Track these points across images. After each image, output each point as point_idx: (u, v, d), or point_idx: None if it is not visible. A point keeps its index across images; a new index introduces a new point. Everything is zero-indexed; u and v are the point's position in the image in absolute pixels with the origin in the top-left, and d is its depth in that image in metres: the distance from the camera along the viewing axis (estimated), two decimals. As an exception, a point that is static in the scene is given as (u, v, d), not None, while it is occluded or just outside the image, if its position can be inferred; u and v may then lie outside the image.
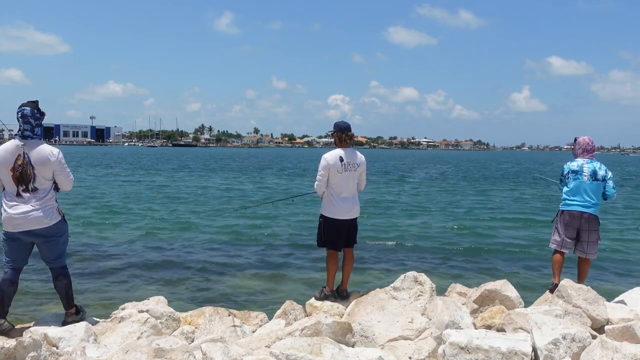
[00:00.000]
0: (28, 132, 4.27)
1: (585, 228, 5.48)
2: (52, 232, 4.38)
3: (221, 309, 4.90)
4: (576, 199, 5.50)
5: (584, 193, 5.47)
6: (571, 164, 5.61)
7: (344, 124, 5.24)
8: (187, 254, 10.61)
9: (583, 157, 5.61)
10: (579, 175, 5.49)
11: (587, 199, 5.46)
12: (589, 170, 5.48)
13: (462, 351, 3.43)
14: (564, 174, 5.65)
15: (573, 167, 5.56)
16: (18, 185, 4.22)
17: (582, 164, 5.54)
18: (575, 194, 5.51)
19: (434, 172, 47.78)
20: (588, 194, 5.46)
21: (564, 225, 5.57)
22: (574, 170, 5.53)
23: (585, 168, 5.50)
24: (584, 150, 5.66)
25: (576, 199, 5.50)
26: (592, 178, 5.46)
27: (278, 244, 11.77)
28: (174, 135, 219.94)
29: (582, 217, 5.46)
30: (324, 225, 5.27)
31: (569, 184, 5.56)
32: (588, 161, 5.56)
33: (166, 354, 3.37)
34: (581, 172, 5.49)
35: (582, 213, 5.46)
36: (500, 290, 4.91)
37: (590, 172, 5.47)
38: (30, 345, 3.54)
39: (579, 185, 5.48)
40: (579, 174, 5.50)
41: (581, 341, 3.44)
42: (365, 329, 4.25)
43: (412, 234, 13.45)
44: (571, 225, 5.52)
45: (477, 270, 9.63)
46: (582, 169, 5.50)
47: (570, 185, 5.55)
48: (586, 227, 5.48)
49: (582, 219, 5.46)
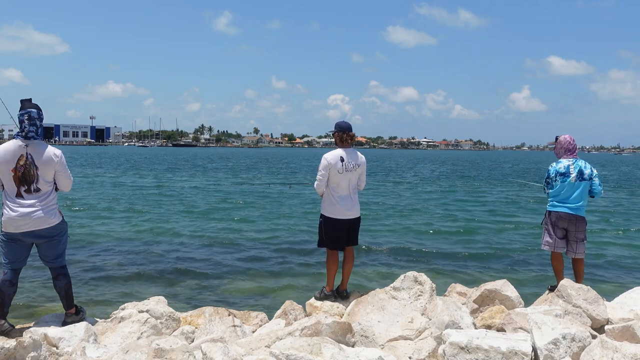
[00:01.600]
0: (33, 134, 4.28)
1: (573, 229, 5.49)
2: (54, 232, 4.39)
3: (221, 309, 4.90)
4: (563, 200, 5.48)
5: (571, 195, 5.46)
6: (557, 165, 5.54)
7: (345, 124, 5.23)
8: (187, 253, 10.61)
9: (567, 157, 5.57)
10: (567, 177, 5.45)
11: (575, 201, 5.45)
12: (576, 170, 5.45)
13: (462, 351, 3.43)
14: (551, 176, 5.58)
15: (560, 169, 5.50)
16: (19, 185, 4.23)
17: (567, 165, 5.49)
18: (563, 196, 5.48)
19: (433, 171, 47.79)
20: (575, 196, 5.45)
21: (553, 226, 5.55)
22: (562, 173, 5.47)
23: (571, 169, 5.46)
24: (566, 149, 5.61)
25: (563, 200, 5.48)
26: (579, 178, 5.43)
27: (278, 244, 11.76)
28: (174, 135, 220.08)
29: (570, 218, 5.46)
30: (324, 225, 5.27)
31: (556, 186, 5.52)
32: (573, 161, 5.51)
33: (166, 354, 3.37)
34: (568, 174, 5.45)
35: (570, 215, 5.46)
36: (500, 290, 4.91)
37: (577, 172, 5.44)
38: (30, 345, 3.54)
39: (566, 187, 5.46)
40: (566, 175, 5.45)
41: (581, 341, 3.44)
42: (365, 329, 4.25)
43: (412, 234, 13.46)
44: (559, 226, 5.52)
45: (477, 270, 9.63)
46: (569, 170, 5.46)
47: (557, 188, 5.52)
48: (573, 229, 5.48)
49: (569, 220, 5.46)
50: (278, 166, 55.37)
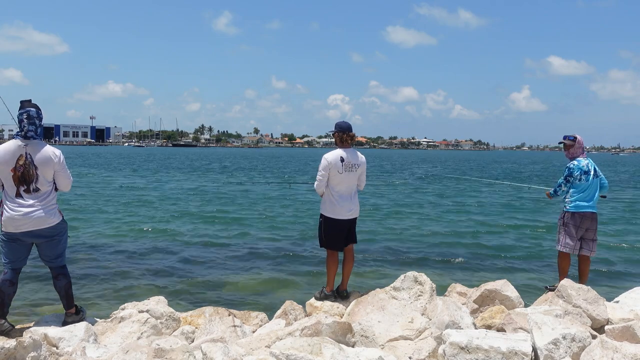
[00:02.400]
0: (32, 133, 4.28)
1: (593, 227, 5.52)
2: (54, 232, 4.39)
3: (221, 309, 4.90)
4: (588, 199, 5.51)
5: (593, 193, 5.52)
6: (580, 164, 5.56)
7: (345, 124, 5.24)
8: (187, 253, 10.60)
9: (583, 156, 5.63)
10: (589, 175, 5.51)
11: (594, 198, 5.53)
12: (593, 168, 5.56)
13: (462, 351, 3.43)
14: (574, 175, 5.55)
15: (583, 167, 5.53)
16: (19, 185, 4.23)
17: (587, 163, 5.57)
18: (587, 194, 5.51)
19: (432, 171, 47.79)
20: (594, 193, 5.53)
21: (576, 227, 5.51)
22: (585, 171, 5.51)
23: (590, 167, 5.55)
24: (583, 149, 5.72)
25: (588, 199, 5.51)
26: (595, 176, 5.52)
27: (278, 244, 11.76)
28: (174, 135, 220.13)
29: (592, 217, 5.50)
30: (324, 225, 5.27)
31: (579, 186, 5.52)
32: (589, 160, 5.62)
33: (166, 354, 3.37)
34: (589, 172, 5.52)
35: (593, 213, 5.51)
36: (500, 290, 4.91)
37: (594, 170, 5.55)
38: (30, 345, 3.54)
39: (589, 185, 5.50)
40: (589, 174, 5.52)
41: (581, 341, 3.44)
42: (366, 329, 4.25)
43: (412, 234, 13.45)
44: (582, 227, 5.52)
45: (477, 270, 9.62)
46: (589, 168, 5.54)
47: (582, 186, 5.53)
48: (593, 227, 5.52)
49: (592, 219, 5.50)
50: (278, 165, 55.35)
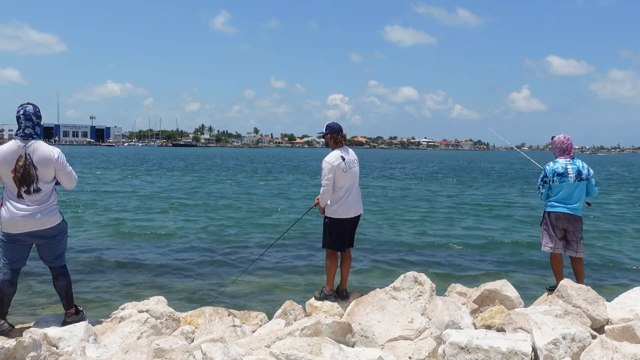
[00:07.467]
0: (29, 130, 4.25)
1: (572, 229, 5.49)
2: (54, 232, 4.39)
3: (221, 309, 4.90)
4: (563, 200, 5.47)
5: (570, 195, 5.45)
6: (554, 165, 5.49)
7: (337, 125, 5.31)
8: (187, 253, 10.60)
9: (564, 157, 5.55)
10: (565, 177, 5.43)
11: (573, 201, 5.45)
12: (574, 170, 5.44)
13: (462, 351, 3.43)
14: (548, 176, 5.53)
15: (557, 169, 5.46)
16: (20, 186, 4.22)
17: (565, 165, 5.46)
18: (562, 196, 5.46)
19: (431, 171, 47.80)
20: (573, 196, 5.44)
21: (552, 226, 5.53)
22: (560, 173, 5.44)
23: (569, 169, 5.44)
24: (561, 149, 5.57)
25: (563, 200, 5.47)
26: (577, 179, 5.43)
27: (278, 244, 11.75)
28: (174, 135, 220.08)
29: (568, 218, 5.46)
30: (330, 226, 5.27)
31: (554, 187, 5.50)
32: (570, 161, 5.49)
33: (166, 354, 3.37)
34: (566, 174, 5.43)
35: (568, 214, 5.45)
36: (500, 290, 4.91)
37: (575, 172, 5.43)
38: (30, 345, 3.54)
39: (565, 187, 5.44)
40: (565, 175, 5.43)
41: (581, 341, 3.44)
42: (365, 329, 4.25)
43: (412, 234, 13.45)
44: (558, 227, 5.51)
45: (477, 270, 9.62)
46: (567, 170, 5.44)
47: (555, 188, 5.50)
48: (572, 228, 5.49)
49: (568, 220, 5.46)
50: (279, 164, 55.36)
